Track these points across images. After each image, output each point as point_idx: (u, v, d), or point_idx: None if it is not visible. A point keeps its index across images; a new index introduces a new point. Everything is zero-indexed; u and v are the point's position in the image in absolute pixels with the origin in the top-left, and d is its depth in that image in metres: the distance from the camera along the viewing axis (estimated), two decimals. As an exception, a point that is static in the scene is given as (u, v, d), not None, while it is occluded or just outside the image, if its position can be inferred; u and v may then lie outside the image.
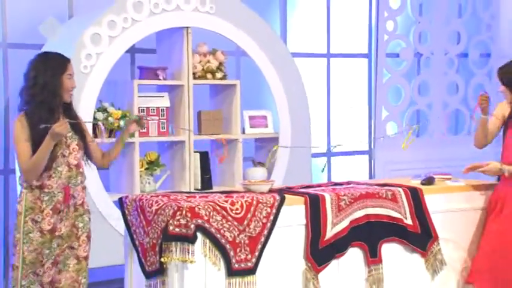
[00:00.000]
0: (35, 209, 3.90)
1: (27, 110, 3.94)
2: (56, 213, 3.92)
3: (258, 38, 5.90)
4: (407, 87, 7.61)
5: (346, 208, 4.28)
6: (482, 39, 8.02)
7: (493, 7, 8.01)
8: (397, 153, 7.35)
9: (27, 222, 3.88)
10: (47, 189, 3.91)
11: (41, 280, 3.91)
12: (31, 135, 3.86)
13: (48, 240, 3.92)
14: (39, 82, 3.90)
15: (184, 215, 3.80)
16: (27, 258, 3.88)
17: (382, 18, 7.42)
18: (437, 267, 4.53)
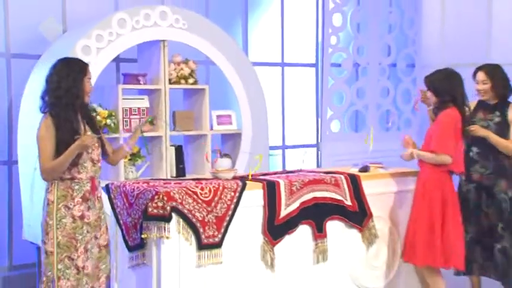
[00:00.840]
0: (67, 196, 3.63)
1: (51, 111, 3.65)
2: (84, 201, 3.68)
3: (224, 49, 5.88)
4: (348, 92, 7.63)
5: (297, 192, 4.28)
6: (408, 52, 8.07)
7: (416, 25, 8.08)
8: (339, 146, 7.43)
9: (59, 209, 3.61)
10: (76, 180, 3.66)
11: (76, 264, 3.62)
12: (56, 135, 3.60)
13: (80, 226, 3.65)
14: (64, 86, 3.62)
15: (161, 198, 3.77)
16: (61, 242, 3.59)
17: (327, 34, 7.43)
18: (371, 240, 4.56)
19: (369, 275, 4.59)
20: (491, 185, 4.46)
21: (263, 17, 7.28)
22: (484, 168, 4.49)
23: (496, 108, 4.51)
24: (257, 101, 6.14)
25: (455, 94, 4.35)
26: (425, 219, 4.38)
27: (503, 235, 4.45)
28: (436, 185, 4.37)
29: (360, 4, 7.74)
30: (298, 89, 7.60)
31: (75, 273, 3.61)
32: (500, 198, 4.45)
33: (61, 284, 3.56)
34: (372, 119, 7.82)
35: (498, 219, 4.46)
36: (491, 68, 4.59)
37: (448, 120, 4.31)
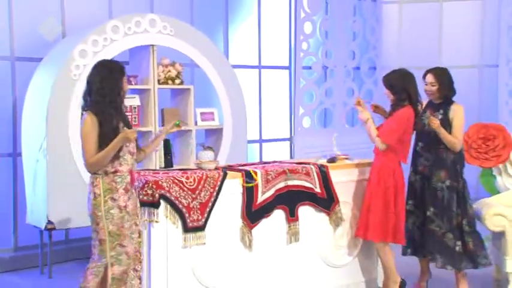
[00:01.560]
0: (112, 189, 3.48)
1: (94, 109, 3.46)
2: (126, 192, 3.52)
3: (207, 53, 5.85)
4: (317, 91, 7.65)
5: (272, 180, 4.27)
6: (370, 56, 8.10)
7: (377, 33, 8.12)
8: (310, 140, 7.45)
9: (106, 202, 3.46)
10: (119, 173, 3.51)
11: (126, 250, 3.50)
12: (100, 131, 3.43)
13: (124, 216, 3.51)
14: (107, 85, 3.46)
15: (151, 186, 3.75)
16: (112, 231, 3.46)
17: (299, 40, 7.44)
18: (338, 223, 4.57)
19: (335, 254, 4.60)
20: (431, 175, 4.47)
21: (242, 24, 7.25)
22: (426, 161, 4.50)
23: (440, 107, 4.51)
24: (237, 99, 6.12)
25: (409, 91, 4.37)
26: (380, 202, 4.40)
27: (433, 219, 4.44)
28: (390, 172, 4.41)
29: (327, 14, 7.76)
30: (273, 89, 7.59)
31: (126, 258, 3.51)
32: (436, 187, 4.45)
33: (114, 269, 3.47)
34: (338, 116, 7.85)
35: (430, 204, 4.45)
36: (439, 71, 4.57)
37: (402, 117, 4.37)
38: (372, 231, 4.43)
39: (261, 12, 7.33)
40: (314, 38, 7.57)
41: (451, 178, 4.44)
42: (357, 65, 7.97)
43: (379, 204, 4.41)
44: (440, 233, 4.43)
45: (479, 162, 5.52)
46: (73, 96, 5.05)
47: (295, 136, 7.54)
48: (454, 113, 4.48)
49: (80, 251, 5.64)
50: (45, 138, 5.04)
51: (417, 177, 4.56)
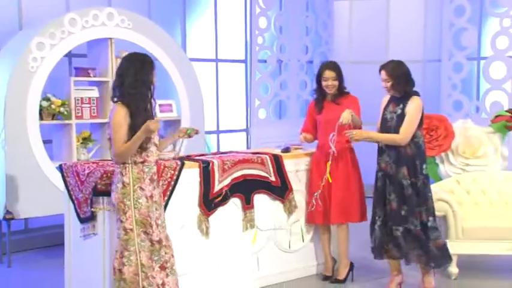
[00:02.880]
0: (140, 179, 3.41)
1: (127, 101, 3.38)
2: (151, 182, 3.47)
3: (165, 47, 5.80)
4: (273, 84, 7.68)
5: (229, 170, 4.27)
6: (322, 51, 8.18)
7: (329, 28, 8.20)
8: (265, 131, 7.48)
9: (136, 191, 3.40)
10: (147, 163, 3.45)
11: (150, 238, 3.44)
12: (131, 123, 3.36)
13: (151, 205, 3.45)
14: (140, 78, 3.38)
15: (109, 176, 3.69)
16: (139, 220, 3.40)
17: (254, 34, 7.45)
18: (291, 210, 4.60)
19: (289, 239, 4.63)
20: (393, 173, 4.17)
21: (199, 19, 7.21)
22: (388, 157, 4.20)
23: (400, 101, 4.22)
24: (194, 91, 6.09)
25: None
26: (358, 184, 4.51)
27: (407, 218, 4.13)
28: (356, 159, 4.54)
29: (281, 9, 7.79)
30: (230, 81, 7.57)
31: (149, 245, 3.44)
32: (402, 185, 4.14)
33: (141, 256, 3.42)
34: (293, 108, 7.91)
35: (401, 203, 4.14)
36: (392, 67, 4.21)
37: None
38: (354, 213, 4.50)
39: (217, 6, 7.29)
40: (269, 33, 7.58)
41: (410, 175, 4.15)
42: (310, 59, 8.04)
43: (357, 186, 4.50)
44: (415, 230, 4.12)
45: (424, 152, 5.66)
46: (30, 88, 4.93)
47: (251, 127, 7.56)
48: (409, 106, 4.18)
49: (39, 240, 5.54)
50: (3, 130, 4.91)
51: (380, 175, 4.26)
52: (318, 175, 4.52)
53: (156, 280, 3.44)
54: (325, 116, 4.53)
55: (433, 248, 4.11)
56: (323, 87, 4.54)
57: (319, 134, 4.62)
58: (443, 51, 7.80)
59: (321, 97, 4.59)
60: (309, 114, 4.70)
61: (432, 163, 5.75)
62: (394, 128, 4.16)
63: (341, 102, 4.51)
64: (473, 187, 5.10)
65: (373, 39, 8.08)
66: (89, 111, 5.43)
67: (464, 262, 4.75)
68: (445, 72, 7.79)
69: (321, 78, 4.54)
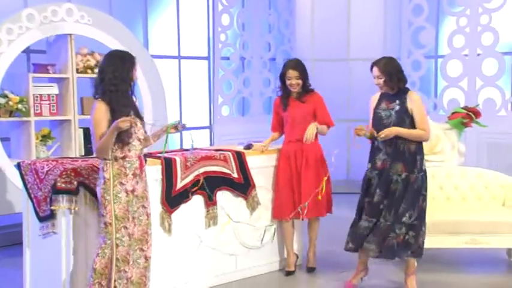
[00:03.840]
0: (120, 174, 3.46)
1: (108, 98, 3.42)
2: (134, 177, 3.51)
3: (126, 44, 5.70)
4: (236, 81, 7.66)
5: (191, 167, 4.24)
6: (285, 48, 8.20)
7: (291, 26, 8.23)
8: (228, 128, 7.46)
9: (116, 186, 3.44)
10: (128, 158, 3.48)
11: (128, 232, 3.48)
12: (112, 119, 3.39)
13: (131, 199, 3.50)
14: (118, 75, 3.43)
15: (69, 174, 3.62)
16: (119, 215, 3.44)
17: (217, 31, 7.42)
18: (254, 206, 4.59)
19: (251, 236, 4.64)
20: (387, 168, 4.08)
21: (161, 16, 7.13)
22: (386, 155, 4.09)
23: (395, 97, 4.08)
24: (156, 88, 6.03)
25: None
26: (327, 179, 4.57)
27: (381, 212, 4.08)
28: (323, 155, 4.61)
29: (244, 6, 7.78)
30: (193, 78, 7.52)
31: (127, 240, 3.50)
32: (391, 179, 4.06)
33: (119, 250, 3.46)
34: (256, 105, 7.91)
35: (384, 197, 4.08)
36: (384, 63, 4.07)
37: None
38: (324, 207, 4.59)
39: (179, 3, 7.23)
40: (232, 30, 7.56)
41: (407, 171, 4.05)
42: (272, 56, 8.05)
43: (328, 181, 4.58)
44: (386, 226, 4.05)
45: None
46: (-12, 85, 4.79)
47: (215, 124, 7.53)
48: (412, 102, 4.06)
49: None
50: (-41, 127, 4.77)
51: (374, 174, 4.13)
52: (286, 170, 4.57)
53: (127, 274, 3.48)
54: (291, 114, 4.57)
55: (393, 242, 4.04)
56: (287, 85, 4.57)
57: (286, 130, 4.65)
58: (403, 50, 7.91)
59: (285, 95, 4.61)
60: (274, 111, 4.72)
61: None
62: (395, 125, 4.03)
63: (306, 100, 4.56)
64: (431, 182, 5.14)
65: (335, 37, 8.14)
66: (49, 108, 5.31)
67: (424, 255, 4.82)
68: (404, 70, 7.88)
69: (285, 78, 4.55)
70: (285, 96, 4.61)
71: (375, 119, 4.14)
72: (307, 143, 4.40)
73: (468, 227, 4.57)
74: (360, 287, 4.36)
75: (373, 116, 4.15)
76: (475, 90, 7.27)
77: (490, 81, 7.18)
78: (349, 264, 4.62)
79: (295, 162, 4.57)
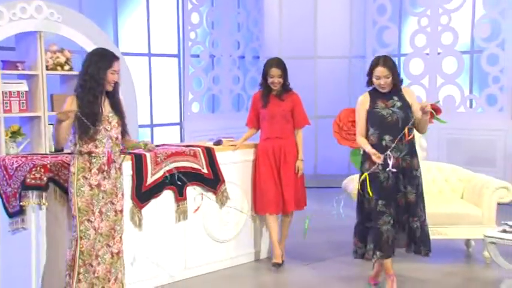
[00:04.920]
0: (85, 169, 3.46)
1: (78, 93, 3.49)
2: (100, 172, 3.50)
3: (96, 41, 5.61)
4: (206, 79, 7.64)
5: (161, 163, 4.22)
6: (254, 46, 8.21)
7: (260, 24, 8.24)
8: (198, 124, 7.43)
9: (79, 180, 3.45)
10: (94, 154, 3.48)
11: (94, 226, 3.47)
12: (80, 113, 3.43)
13: (96, 194, 3.48)
14: (89, 72, 3.46)
15: (39, 170, 3.57)
16: (81, 207, 3.44)
17: (187, 29, 7.38)
18: (224, 201, 4.60)
19: (221, 230, 4.64)
20: (407, 165, 3.94)
21: (132, 14, 7.06)
22: (399, 152, 3.91)
23: (392, 95, 3.96)
24: (127, 86, 5.93)
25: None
26: (302, 176, 4.67)
27: (416, 210, 3.99)
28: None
29: (213, 5, 7.76)
30: (164, 76, 7.47)
31: (93, 233, 3.47)
32: (414, 175, 3.97)
33: (83, 243, 3.44)
34: (225, 102, 7.90)
35: (417, 194, 3.98)
36: (387, 62, 3.95)
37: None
38: (302, 201, 4.70)
39: (149, 2, 7.17)
40: (201, 28, 7.53)
41: (418, 166, 4.02)
42: (241, 54, 8.05)
43: (302, 177, 4.68)
44: (421, 222, 3.99)
45: (350, 143, 5.79)
46: (-44, 82, 4.66)
47: (185, 121, 7.50)
48: (411, 97, 4.00)
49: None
50: None
51: (389, 173, 3.90)
52: (267, 166, 4.62)
53: (93, 268, 3.46)
54: (271, 111, 4.63)
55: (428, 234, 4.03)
56: (269, 83, 4.61)
57: (264, 126, 4.68)
58: (367, 48, 8.00)
59: (266, 92, 4.65)
60: (253, 107, 4.75)
61: (357, 154, 5.87)
62: (403, 120, 3.89)
63: (285, 98, 4.64)
64: (395, 176, 5.26)
65: (302, 35, 8.19)
66: (18, 105, 5.20)
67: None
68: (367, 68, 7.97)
69: (267, 75, 4.60)
70: (265, 94, 4.66)
71: (375, 119, 3.95)
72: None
73: (429, 218, 4.64)
74: (359, 277, 4.38)
75: (371, 116, 3.97)
76: (435, 88, 7.40)
77: (450, 79, 7.31)
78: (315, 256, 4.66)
79: (273, 158, 4.64)
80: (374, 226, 3.94)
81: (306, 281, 4.42)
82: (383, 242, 3.92)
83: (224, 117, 7.72)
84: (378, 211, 3.91)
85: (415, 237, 3.99)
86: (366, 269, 4.39)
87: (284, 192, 4.60)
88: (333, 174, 7.72)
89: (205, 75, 7.62)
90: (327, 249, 5.16)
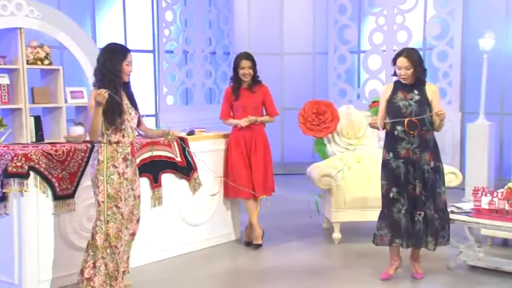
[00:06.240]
0: (114, 157, 3.49)
1: (98, 86, 3.47)
2: (124, 161, 3.54)
3: (74, 37, 5.55)
4: (179, 73, 7.60)
5: (138, 152, 4.19)
6: (225, 43, 8.19)
7: (230, 22, 8.22)
8: (173, 116, 7.40)
9: (109, 168, 3.47)
10: (121, 143, 3.52)
11: (121, 211, 3.51)
12: (104, 106, 3.43)
13: (122, 181, 3.53)
14: (107, 66, 3.48)
15: (20, 159, 3.53)
16: (110, 194, 3.47)
17: (161, 27, 7.32)
18: (196, 187, 4.61)
19: (194, 214, 4.65)
20: (417, 158, 3.81)
21: (109, 11, 6.96)
22: (410, 144, 3.80)
23: (413, 87, 3.84)
24: (104, 79, 5.88)
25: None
26: (271, 163, 4.74)
27: (425, 203, 3.85)
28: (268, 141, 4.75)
29: (186, 4, 7.71)
30: (140, 70, 7.39)
31: (120, 218, 3.52)
32: (423, 169, 3.83)
33: (109, 226, 3.49)
34: (198, 95, 7.88)
35: (423, 188, 3.84)
36: (411, 53, 3.82)
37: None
38: (271, 187, 4.72)
39: (125, 0, 7.09)
40: (175, 26, 7.48)
41: (434, 159, 3.85)
42: (213, 50, 8.02)
43: (271, 165, 4.73)
44: (431, 215, 3.85)
45: (314, 133, 5.85)
46: None
47: (160, 112, 7.46)
48: (433, 94, 3.85)
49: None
50: None
51: (399, 163, 3.82)
52: (238, 154, 4.65)
53: (118, 250, 3.52)
54: (242, 103, 4.66)
55: (448, 224, 3.90)
56: (240, 75, 4.63)
57: (237, 118, 4.69)
58: (330, 45, 8.07)
59: (237, 85, 4.66)
60: (226, 100, 4.74)
61: (321, 143, 5.95)
62: (416, 114, 3.77)
63: (256, 90, 4.68)
64: (354, 163, 5.35)
65: (269, 33, 8.22)
66: (0, 98, 5.11)
67: (346, 229, 4.99)
68: (331, 64, 8.08)
69: (238, 68, 4.61)
70: (236, 87, 4.67)
71: (391, 108, 3.84)
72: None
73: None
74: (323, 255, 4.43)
75: (389, 105, 3.86)
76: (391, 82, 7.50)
77: (405, 74, 7.43)
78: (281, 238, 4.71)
79: (245, 147, 4.67)
80: (387, 214, 3.85)
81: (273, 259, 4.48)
82: (403, 231, 3.80)
83: (197, 109, 7.70)
84: (391, 198, 3.84)
85: (417, 232, 3.82)
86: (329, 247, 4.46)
87: (254, 178, 4.64)
88: (298, 162, 7.79)
89: (179, 70, 7.58)
90: (292, 231, 5.23)
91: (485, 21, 6.81)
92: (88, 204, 3.89)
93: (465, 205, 4.31)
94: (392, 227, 3.85)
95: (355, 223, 4.99)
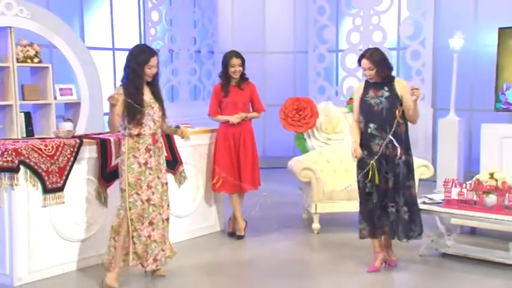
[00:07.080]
0: (134, 148, 3.61)
1: (123, 84, 3.63)
2: (147, 151, 3.64)
3: (63, 36, 5.50)
4: (165, 71, 7.55)
5: (125, 146, 4.18)
6: (209, 42, 8.17)
7: (214, 22, 8.20)
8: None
9: (129, 158, 3.59)
10: (142, 135, 3.62)
11: (141, 198, 3.61)
12: (124, 102, 3.55)
13: (143, 171, 3.62)
14: (131, 67, 3.61)
15: (10, 153, 3.49)
16: (131, 182, 3.58)
17: (148, 26, 7.28)
18: (182, 181, 4.60)
19: (180, 206, 4.64)
20: (389, 153, 3.80)
21: (97, 11, 6.90)
22: (382, 140, 3.79)
23: (383, 85, 3.83)
24: (92, 77, 5.84)
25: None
26: (257, 158, 4.73)
27: (393, 196, 3.83)
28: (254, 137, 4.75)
29: (171, 4, 7.68)
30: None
31: (140, 204, 3.61)
32: (396, 163, 3.81)
33: (132, 212, 3.59)
34: (183, 92, 7.86)
35: (394, 182, 3.82)
36: (372, 54, 3.81)
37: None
38: (257, 181, 4.72)
39: (112, 0, 7.03)
40: (161, 25, 7.44)
41: (405, 153, 3.83)
42: (198, 49, 8.00)
43: (257, 159, 4.72)
44: (400, 208, 3.82)
45: (294, 128, 5.90)
46: None
47: (147, 109, 7.41)
48: (403, 89, 3.81)
49: None
50: None
51: (375, 159, 3.81)
52: (226, 149, 4.65)
53: (143, 233, 3.61)
54: (232, 99, 4.65)
55: (419, 218, 3.89)
56: (230, 73, 4.62)
57: (227, 114, 4.67)
58: (309, 44, 8.11)
59: (226, 82, 4.64)
60: (215, 97, 4.72)
61: (301, 138, 6.00)
62: (387, 110, 3.77)
63: (244, 88, 4.68)
64: (333, 157, 5.39)
65: (252, 32, 8.22)
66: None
67: (325, 219, 5.04)
68: (311, 62, 8.11)
69: (228, 65, 4.61)
70: (225, 84, 4.65)
71: (363, 106, 3.85)
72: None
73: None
74: (304, 244, 4.47)
75: (361, 104, 3.87)
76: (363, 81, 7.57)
77: (380, 72, 7.49)
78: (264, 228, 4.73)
79: (233, 142, 4.67)
80: (363, 208, 3.87)
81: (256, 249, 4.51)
82: (368, 223, 3.85)
83: (182, 106, 7.68)
84: (366, 192, 3.85)
85: (391, 223, 3.83)
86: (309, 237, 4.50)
87: (242, 173, 4.63)
88: (280, 156, 7.83)
89: (165, 68, 7.54)
90: (275, 222, 5.26)
91: (455, 22, 6.90)
92: (78, 197, 3.87)
93: (436, 196, 4.38)
94: (370, 220, 3.87)
95: (332, 214, 5.03)
